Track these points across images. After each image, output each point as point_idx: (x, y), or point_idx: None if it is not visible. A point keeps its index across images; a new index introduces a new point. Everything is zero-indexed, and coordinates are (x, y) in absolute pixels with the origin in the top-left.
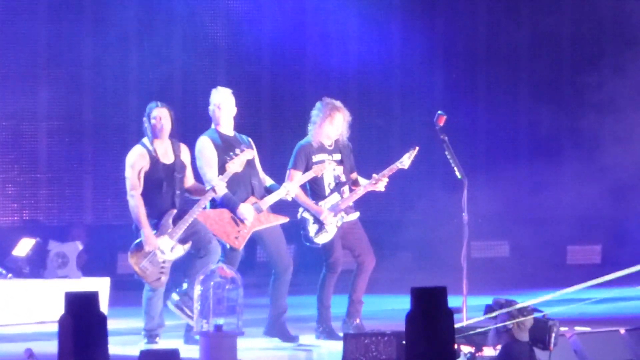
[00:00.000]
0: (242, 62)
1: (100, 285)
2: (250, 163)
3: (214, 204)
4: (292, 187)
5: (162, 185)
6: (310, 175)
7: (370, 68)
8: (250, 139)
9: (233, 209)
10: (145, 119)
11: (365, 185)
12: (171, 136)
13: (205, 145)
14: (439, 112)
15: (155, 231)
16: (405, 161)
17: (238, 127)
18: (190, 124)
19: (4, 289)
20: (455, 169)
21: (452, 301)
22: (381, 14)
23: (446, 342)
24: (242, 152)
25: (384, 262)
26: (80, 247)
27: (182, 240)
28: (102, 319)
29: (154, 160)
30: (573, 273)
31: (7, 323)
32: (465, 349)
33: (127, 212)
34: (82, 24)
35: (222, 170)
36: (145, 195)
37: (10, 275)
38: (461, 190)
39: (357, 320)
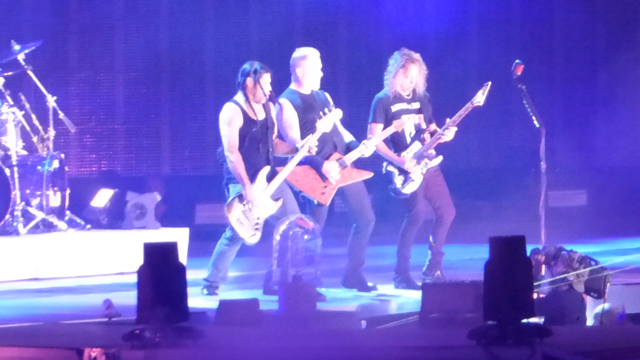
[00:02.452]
0: (318, 12)
1: (179, 236)
2: None
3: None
4: (370, 144)
5: (257, 142)
6: (390, 130)
7: (446, 17)
8: (327, 94)
9: (317, 167)
10: (246, 78)
11: (442, 129)
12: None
13: (284, 106)
14: (517, 61)
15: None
16: (480, 97)
17: None
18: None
19: (83, 240)
20: (533, 117)
21: (531, 250)
22: None
23: (525, 291)
24: (330, 112)
25: (462, 211)
26: (159, 197)
27: (275, 198)
28: (181, 270)
29: (248, 117)
30: None
31: (86, 274)
32: None
33: (204, 162)
34: None
35: (305, 130)
36: (241, 151)
37: (88, 226)
38: (539, 139)
39: (438, 272)
